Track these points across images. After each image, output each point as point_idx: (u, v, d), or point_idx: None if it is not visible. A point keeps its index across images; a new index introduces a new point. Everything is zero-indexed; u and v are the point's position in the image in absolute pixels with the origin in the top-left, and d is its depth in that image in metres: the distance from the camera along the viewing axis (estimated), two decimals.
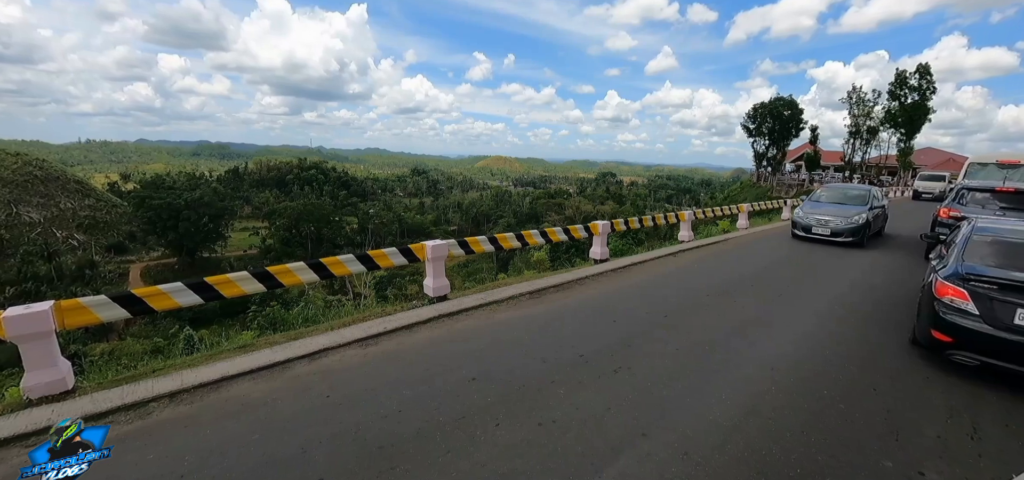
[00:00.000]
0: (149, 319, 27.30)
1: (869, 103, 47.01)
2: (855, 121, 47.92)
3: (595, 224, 9.45)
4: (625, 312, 6.14)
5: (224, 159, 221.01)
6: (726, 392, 4.02)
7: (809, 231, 11.33)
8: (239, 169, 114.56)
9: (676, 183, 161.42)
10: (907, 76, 44.02)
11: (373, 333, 5.22)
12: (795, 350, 4.98)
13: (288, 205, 66.77)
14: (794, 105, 52.35)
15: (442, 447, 3.21)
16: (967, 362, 4.34)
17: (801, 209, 12.27)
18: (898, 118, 44.55)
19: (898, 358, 4.86)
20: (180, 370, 4.37)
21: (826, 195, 12.97)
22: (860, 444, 3.37)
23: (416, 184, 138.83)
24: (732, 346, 5.03)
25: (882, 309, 6.45)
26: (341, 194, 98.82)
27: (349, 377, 4.29)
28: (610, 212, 67.03)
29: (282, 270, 5.30)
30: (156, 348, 16.98)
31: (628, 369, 4.42)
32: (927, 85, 43.35)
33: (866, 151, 48.74)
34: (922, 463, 3.19)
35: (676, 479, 2.94)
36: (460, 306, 6.21)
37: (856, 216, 10.91)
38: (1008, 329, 4.07)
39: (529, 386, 4.08)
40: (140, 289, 4.41)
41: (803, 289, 7.42)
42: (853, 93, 47.81)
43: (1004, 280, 4.22)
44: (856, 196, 12.23)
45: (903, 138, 45.17)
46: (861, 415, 3.75)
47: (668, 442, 3.30)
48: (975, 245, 4.96)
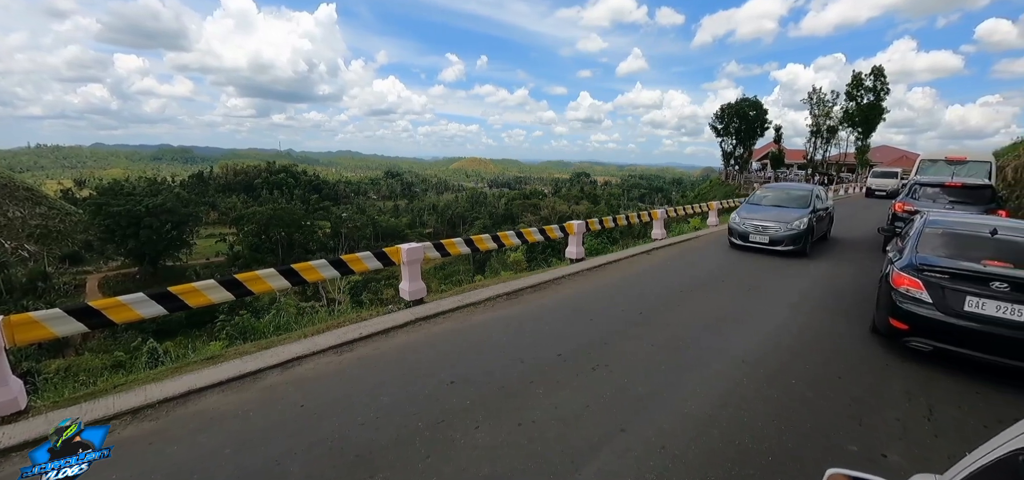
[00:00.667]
0: (109, 332, 26.01)
1: (828, 104, 49.08)
2: (816, 121, 49.93)
3: (570, 224, 9.53)
4: (601, 310, 6.21)
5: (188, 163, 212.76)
6: (700, 386, 4.12)
7: (746, 239, 10.13)
8: (204, 173, 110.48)
9: (648, 182, 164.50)
10: (863, 78, 46.17)
11: (348, 339, 5.12)
12: (765, 343, 5.14)
13: (257, 210, 64.75)
14: (759, 105, 54.15)
15: (421, 452, 3.18)
16: (922, 348, 4.59)
17: (738, 214, 10.87)
18: (855, 118, 46.65)
19: (860, 347, 5.09)
20: (144, 385, 4.18)
21: (765, 197, 11.60)
22: (827, 430, 3.51)
23: (390, 187, 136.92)
24: (705, 341, 5.16)
25: (843, 304, 6.75)
26: (312, 198, 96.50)
27: (324, 385, 4.20)
28: (585, 212, 67.77)
29: (251, 277, 5.14)
30: (117, 363, 16.19)
31: (606, 367, 4.48)
32: (881, 86, 45.59)
33: (826, 149, 50.85)
34: (885, 446, 3.35)
35: (654, 472, 2.99)
36: (437, 309, 6.16)
37: (797, 221, 9.70)
38: (958, 315, 4.33)
39: (508, 387, 4.08)
40: (98, 301, 4.20)
41: (773, 283, 7.67)
42: (813, 94, 49.82)
43: (954, 270, 4.47)
44: (797, 198, 10.93)
45: (860, 137, 47.34)
46: (827, 403, 3.90)
47: (646, 437, 3.36)
48: (927, 237, 5.23)
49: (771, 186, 12.36)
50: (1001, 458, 1.03)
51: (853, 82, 46.48)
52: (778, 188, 12.09)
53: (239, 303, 17.17)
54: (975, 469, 1.11)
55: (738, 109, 54.40)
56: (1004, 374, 4.29)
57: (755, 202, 11.51)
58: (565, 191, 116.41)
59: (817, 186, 11.98)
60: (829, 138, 49.85)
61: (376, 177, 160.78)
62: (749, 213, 10.67)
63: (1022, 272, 4.23)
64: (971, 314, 4.29)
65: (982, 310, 4.24)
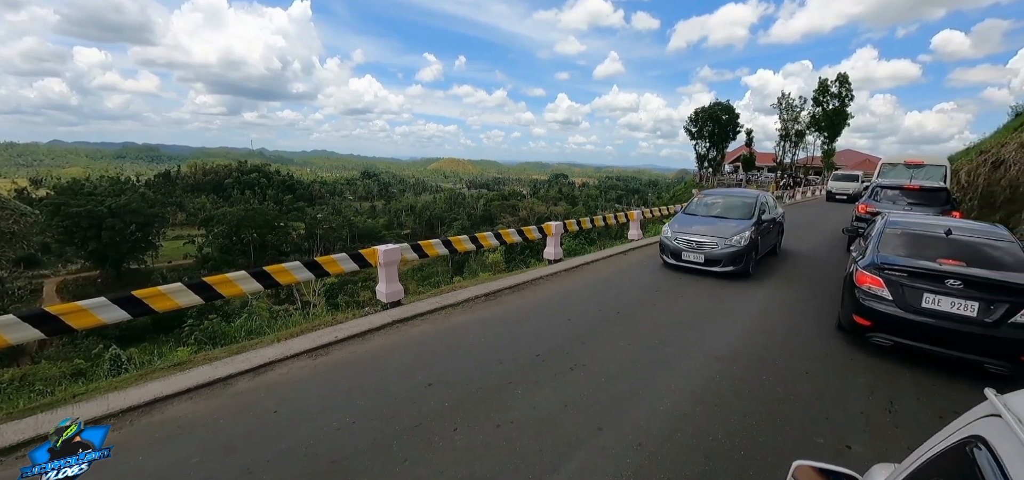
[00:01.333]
0: (68, 339, 24.80)
1: (796, 109, 50.73)
2: (785, 125, 51.53)
3: (549, 225, 9.59)
4: (579, 311, 6.27)
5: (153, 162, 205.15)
6: (676, 383, 4.20)
7: (679, 258, 8.41)
8: (171, 173, 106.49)
9: (625, 184, 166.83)
10: (829, 84, 47.92)
11: (323, 343, 5.02)
12: (738, 340, 5.28)
13: (227, 211, 62.80)
14: (731, 110, 55.61)
15: (399, 456, 3.14)
16: (883, 343, 4.81)
17: (670, 226, 9.05)
18: (822, 123, 48.38)
19: (826, 343, 5.28)
20: (105, 393, 4.00)
21: (703, 206, 9.75)
22: (796, 424, 3.63)
23: (367, 187, 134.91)
24: (680, 339, 5.26)
25: (814, 299, 6.99)
26: (286, 198, 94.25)
27: (298, 390, 4.10)
28: (563, 213, 68.26)
29: (221, 280, 4.99)
30: (77, 371, 15.44)
31: (583, 366, 4.52)
32: (846, 93, 47.41)
33: (795, 153, 52.53)
34: (849, 437, 3.49)
35: (631, 469, 3.04)
36: (415, 311, 6.10)
37: (737, 235, 8.09)
38: (917, 312, 4.55)
39: (487, 388, 4.08)
40: (56, 306, 4.00)
41: (749, 280, 7.88)
42: (783, 99, 51.39)
43: (912, 268, 4.69)
44: (739, 207, 9.20)
45: (826, 141, 49.12)
46: (796, 397, 4.04)
47: (623, 435, 3.40)
48: (888, 237, 5.46)
49: (712, 193, 10.38)
50: (952, 446, 1.07)
51: (820, 88, 48.20)
52: (719, 195, 10.15)
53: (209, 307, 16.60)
54: (929, 457, 1.15)
55: (711, 113, 55.72)
56: (957, 366, 4.52)
57: (692, 212, 9.65)
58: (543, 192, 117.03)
59: (763, 193, 10.16)
60: (797, 142, 51.53)
61: (352, 177, 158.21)
62: (683, 226, 8.82)
63: (974, 270, 4.46)
64: (928, 310, 4.50)
65: (938, 306, 4.46)
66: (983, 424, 1.01)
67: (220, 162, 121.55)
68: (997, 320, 4.21)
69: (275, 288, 5.84)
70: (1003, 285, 4.29)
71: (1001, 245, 4.91)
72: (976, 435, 1.00)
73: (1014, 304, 4.17)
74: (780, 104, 51.42)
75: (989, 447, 0.93)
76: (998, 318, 4.21)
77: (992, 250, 4.85)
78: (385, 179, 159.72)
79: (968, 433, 1.04)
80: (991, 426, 0.98)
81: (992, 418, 1.00)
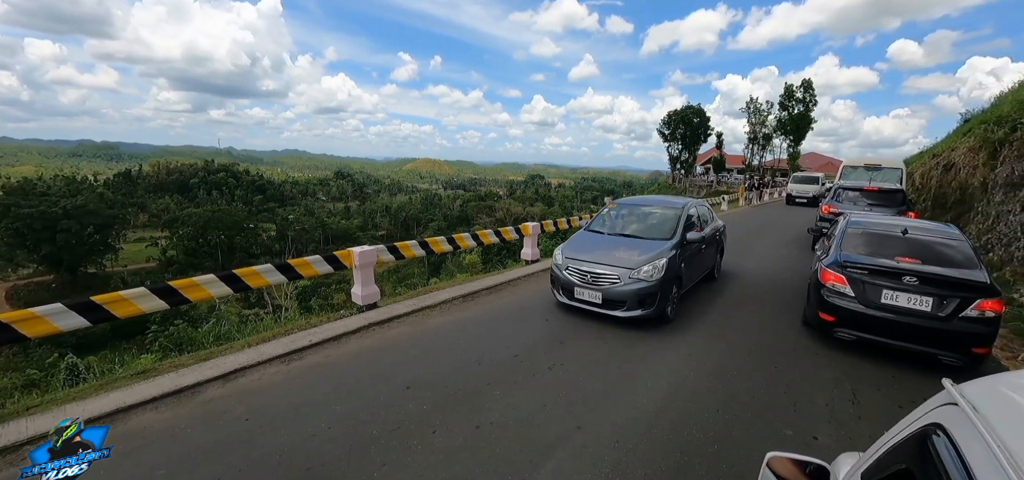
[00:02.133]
0: (19, 348, 23.39)
1: (764, 113, 52.46)
2: (753, 129, 53.21)
3: (525, 225, 9.62)
4: (557, 310, 6.30)
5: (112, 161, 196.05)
6: (651, 381, 4.28)
7: (571, 294, 6.07)
8: (132, 172, 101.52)
9: (601, 185, 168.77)
10: (794, 90, 49.75)
11: (297, 347, 4.90)
12: (709, 337, 5.42)
13: (193, 212, 60.54)
14: (702, 113, 57.05)
15: (377, 461, 3.09)
16: (846, 337, 5.02)
17: (561, 252, 6.49)
18: (788, 126, 50.18)
19: (793, 339, 5.47)
20: (62, 405, 3.80)
21: (612, 220, 7.31)
22: (766, 416, 3.76)
23: (340, 188, 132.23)
24: (655, 336, 5.36)
25: (781, 295, 7.23)
26: (256, 199, 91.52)
27: (271, 397, 3.99)
28: (540, 213, 68.56)
29: (188, 284, 4.81)
30: (30, 382, 14.57)
31: (562, 365, 4.56)
32: (810, 98, 49.28)
33: (763, 156, 54.28)
34: (816, 428, 3.63)
35: (609, 466, 3.08)
36: (391, 313, 6.02)
37: (648, 266, 5.72)
38: (877, 307, 4.78)
39: (465, 390, 4.06)
40: (7, 313, 3.78)
41: (719, 281, 8.09)
42: (751, 104, 53.05)
43: (872, 266, 4.92)
44: (657, 223, 6.85)
45: (792, 144, 50.96)
46: (765, 391, 4.17)
47: (601, 433, 3.45)
48: (850, 237, 5.69)
49: (628, 202, 7.89)
50: (913, 433, 1.12)
51: (785, 93, 49.97)
52: (633, 206, 7.57)
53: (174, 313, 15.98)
54: (893, 444, 1.20)
55: (683, 116, 57.03)
56: (915, 359, 4.76)
57: (597, 228, 7.21)
58: (520, 193, 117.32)
59: (695, 201, 7.71)
60: (765, 145, 53.26)
61: (326, 177, 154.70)
62: (578, 250, 6.37)
63: (928, 267, 4.72)
64: (887, 306, 4.74)
65: (896, 302, 4.70)
66: (941, 412, 1.06)
67: (185, 161, 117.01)
68: (949, 314, 4.46)
69: (245, 292, 5.66)
70: (954, 281, 4.54)
71: (952, 244, 5.17)
72: (935, 423, 1.04)
73: (964, 299, 4.42)
74: (748, 108, 53.06)
75: (947, 433, 0.97)
76: (950, 312, 4.46)
77: (944, 248, 5.10)
78: (359, 179, 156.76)
79: (928, 421, 1.08)
80: (949, 414, 1.02)
81: (949, 406, 1.04)
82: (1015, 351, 5.60)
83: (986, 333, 4.40)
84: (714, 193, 37.72)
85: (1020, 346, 5.69)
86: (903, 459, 1.11)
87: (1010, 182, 9.42)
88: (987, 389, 1.08)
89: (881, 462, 1.21)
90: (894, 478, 1.13)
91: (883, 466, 1.19)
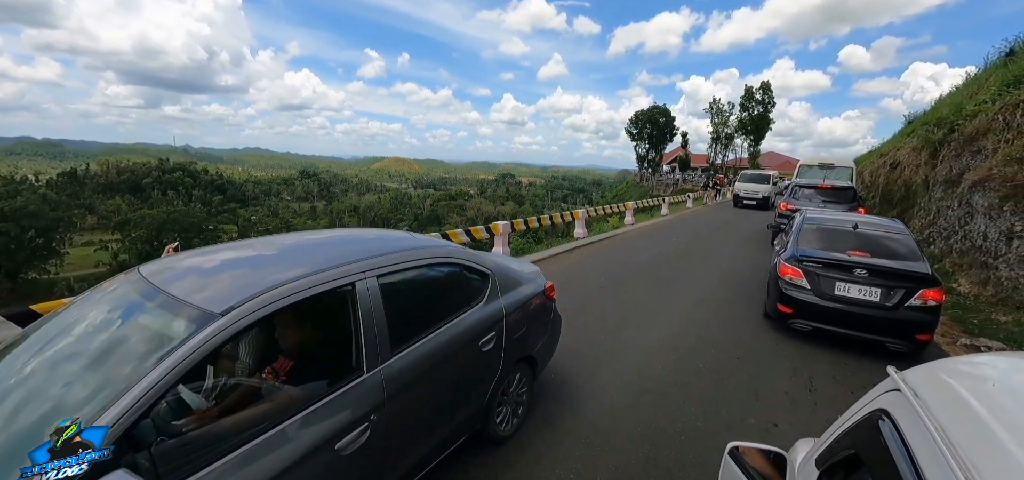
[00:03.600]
0: None
1: (726, 113, 54.39)
2: (716, 129, 55.10)
3: (496, 224, 9.60)
4: None
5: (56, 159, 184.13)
6: (622, 377, 4.35)
7: None
8: (78, 171, 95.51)
9: (570, 184, 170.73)
10: (753, 91, 51.83)
11: None
12: (677, 332, 5.56)
13: (147, 213, 57.50)
14: (668, 113, 58.62)
15: None
16: (803, 328, 5.29)
17: None
18: (748, 126, 52.23)
19: (754, 331, 5.68)
20: None
21: None
22: (730, 406, 3.89)
23: (306, 187, 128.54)
24: (624, 334, 5.45)
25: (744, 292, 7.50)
26: (216, 199, 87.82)
27: None
28: (510, 212, 68.84)
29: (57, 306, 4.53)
30: None
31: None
32: (769, 99, 51.47)
33: (725, 155, 56.26)
34: (775, 416, 3.79)
35: (580, 464, 3.11)
36: None
37: None
38: (830, 299, 5.06)
39: None
40: None
41: (686, 277, 8.31)
42: (714, 105, 54.93)
43: (826, 259, 5.21)
44: None
45: (752, 143, 53.04)
46: (729, 382, 4.32)
47: (571, 430, 3.47)
48: (806, 232, 5.99)
49: None
50: (862, 419, 1.17)
51: (746, 95, 52.00)
52: None
53: None
54: (844, 430, 1.24)
55: (650, 116, 58.43)
56: (867, 347, 5.04)
57: None
58: (491, 192, 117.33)
59: (419, 237, 3.18)
60: (727, 144, 55.22)
61: (290, 176, 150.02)
62: None
63: (877, 260, 5.04)
64: (840, 297, 5.02)
65: (848, 293, 4.99)
66: (886, 398, 1.10)
67: (137, 160, 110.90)
68: (896, 304, 4.77)
69: None
70: (900, 273, 4.85)
71: (898, 237, 5.53)
72: (881, 408, 1.08)
73: (909, 290, 4.74)
74: (712, 109, 54.89)
75: (891, 419, 1.01)
76: (896, 302, 4.77)
77: (891, 242, 5.44)
78: (326, 179, 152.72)
79: (874, 406, 1.13)
80: (893, 399, 1.06)
81: (893, 393, 1.09)
82: (954, 337, 6.01)
83: (929, 321, 4.72)
84: (680, 191, 38.81)
85: (960, 332, 6.11)
86: (854, 443, 1.15)
87: (949, 180, 10.11)
88: (927, 375, 1.12)
89: (833, 448, 1.25)
90: (845, 462, 1.16)
91: (834, 451, 1.23)
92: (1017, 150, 7.44)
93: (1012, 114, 8.35)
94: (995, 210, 7.47)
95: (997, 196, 7.44)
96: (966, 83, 14.18)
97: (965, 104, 11.01)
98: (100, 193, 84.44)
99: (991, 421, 0.84)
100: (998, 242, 7.30)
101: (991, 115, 9.04)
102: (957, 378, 1.06)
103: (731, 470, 1.38)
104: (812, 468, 1.29)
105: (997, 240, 7.34)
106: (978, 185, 8.25)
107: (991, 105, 9.40)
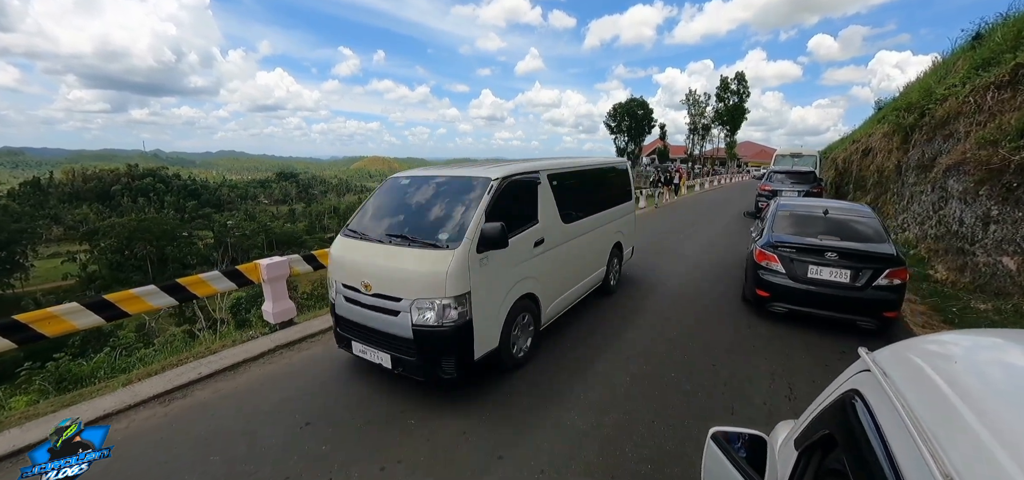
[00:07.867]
0: None
1: (702, 104, 54.67)
2: (693, 120, 55.35)
3: None
4: None
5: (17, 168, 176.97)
6: (605, 371, 3.97)
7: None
8: (41, 180, 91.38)
9: None
10: (728, 82, 52.17)
11: (181, 383, 4.20)
12: (646, 342, 5.22)
13: (116, 221, 55.35)
14: (646, 105, 58.57)
15: None
16: (779, 310, 5.43)
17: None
18: (724, 117, 52.60)
19: (730, 330, 5.37)
20: None
21: None
22: (706, 417, 3.55)
23: (284, 189, 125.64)
24: (594, 340, 5.09)
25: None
26: (189, 205, 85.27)
27: (136, 448, 3.32)
28: None
29: (42, 316, 4.01)
30: None
31: (494, 384, 4.14)
32: (743, 90, 51.88)
33: (703, 145, 56.61)
34: (754, 425, 3.43)
35: (562, 457, 2.80)
36: (306, 331, 5.39)
37: None
38: (804, 281, 5.23)
39: (376, 421, 3.57)
40: None
41: (665, 273, 8.01)
42: (690, 96, 55.12)
43: (799, 244, 5.36)
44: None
45: (729, 133, 53.48)
46: (704, 391, 3.99)
47: (524, 457, 3.08)
48: (780, 219, 6.11)
49: None
50: (836, 399, 1.17)
51: (721, 86, 52.32)
52: None
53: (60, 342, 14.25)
54: (820, 411, 1.25)
55: (628, 108, 58.35)
56: (839, 325, 5.13)
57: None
58: None
59: None
60: (704, 135, 55.56)
61: (267, 179, 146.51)
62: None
63: (846, 243, 5.21)
64: (813, 280, 5.18)
65: (820, 276, 5.16)
66: (858, 379, 1.12)
67: (104, 166, 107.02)
68: (864, 284, 4.95)
69: (122, 318, 4.83)
70: (867, 254, 5.04)
71: (864, 221, 5.72)
72: (853, 388, 1.10)
73: (876, 270, 4.93)
74: (688, 100, 55.08)
75: (863, 399, 1.02)
76: (864, 282, 4.96)
77: (858, 226, 5.63)
78: (304, 180, 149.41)
79: (848, 387, 1.14)
80: (864, 380, 1.08)
81: (865, 373, 1.10)
82: (934, 328, 5.80)
83: (894, 300, 4.95)
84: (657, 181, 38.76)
85: (940, 323, 5.89)
86: (829, 424, 1.16)
87: (921, 165, 10.02)
88: (896, 355, 1.13)
89: (811, 427, 1.27)
90: (821, 443, 1.19)
91: (811, 432, 1.25)
92: (991, 133, 7.27)
93: (983, 96, 8.21)
94: (970, 194, 7.32)
95: (972, 180, 7.29)
96: (934, 68, 14.19)
97: (935, 89, 10.93)
98: (66, 202, 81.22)
99: (955, 399, 0.84)
100: (974, 227, 7.15)
101: (962, 98, 8.92)
102: (924, 358, 1.06)
103: (714, 454, 1.44)
104: (791, 449, 1.33)
105: (973, 225, 7.18)
106: (952, 169, 8.11)
107: (962, 88, 9.29)
